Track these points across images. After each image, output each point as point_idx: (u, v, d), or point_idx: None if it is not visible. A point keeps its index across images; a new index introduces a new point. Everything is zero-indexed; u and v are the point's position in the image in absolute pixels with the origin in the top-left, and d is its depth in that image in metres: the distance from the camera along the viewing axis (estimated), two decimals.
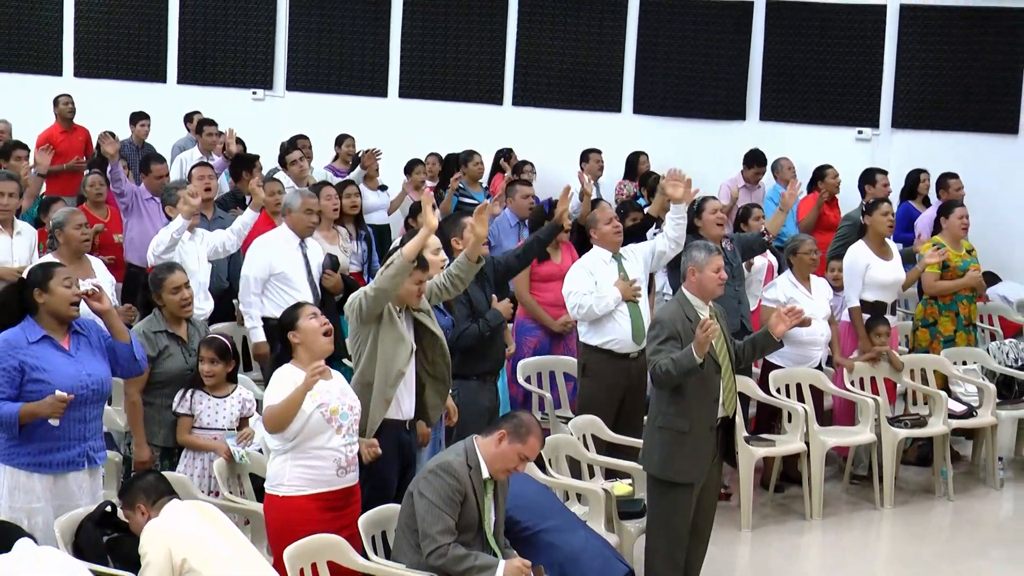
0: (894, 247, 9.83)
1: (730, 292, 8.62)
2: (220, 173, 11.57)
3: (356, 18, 15.55)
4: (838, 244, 10.48)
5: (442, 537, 5.83)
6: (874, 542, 8.83)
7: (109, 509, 5.96)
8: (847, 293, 9.56)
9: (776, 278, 9.63)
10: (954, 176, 12.11)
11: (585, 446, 7.87)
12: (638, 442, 7.67)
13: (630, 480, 7.60)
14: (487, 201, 7.92)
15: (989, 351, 10.29)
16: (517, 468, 6.10)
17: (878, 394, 9.34)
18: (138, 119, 14.11)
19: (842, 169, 12.44)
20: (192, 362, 7.03)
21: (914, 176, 12.66)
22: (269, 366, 6.45)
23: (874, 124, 14.12)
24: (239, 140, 12.47)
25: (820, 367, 9.37)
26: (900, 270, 9.70)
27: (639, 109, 14.80)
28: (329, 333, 6.22)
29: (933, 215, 10.78)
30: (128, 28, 16.16)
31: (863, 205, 10.91)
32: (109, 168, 10.24)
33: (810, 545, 8.69)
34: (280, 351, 6.34)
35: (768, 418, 9.29)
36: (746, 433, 8.71)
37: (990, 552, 8.72)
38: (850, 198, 12.11)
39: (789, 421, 8.94)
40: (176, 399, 6.93)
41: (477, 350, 7.82)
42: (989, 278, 12.18)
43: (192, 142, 13.18)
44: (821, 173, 12.39)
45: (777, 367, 9.14)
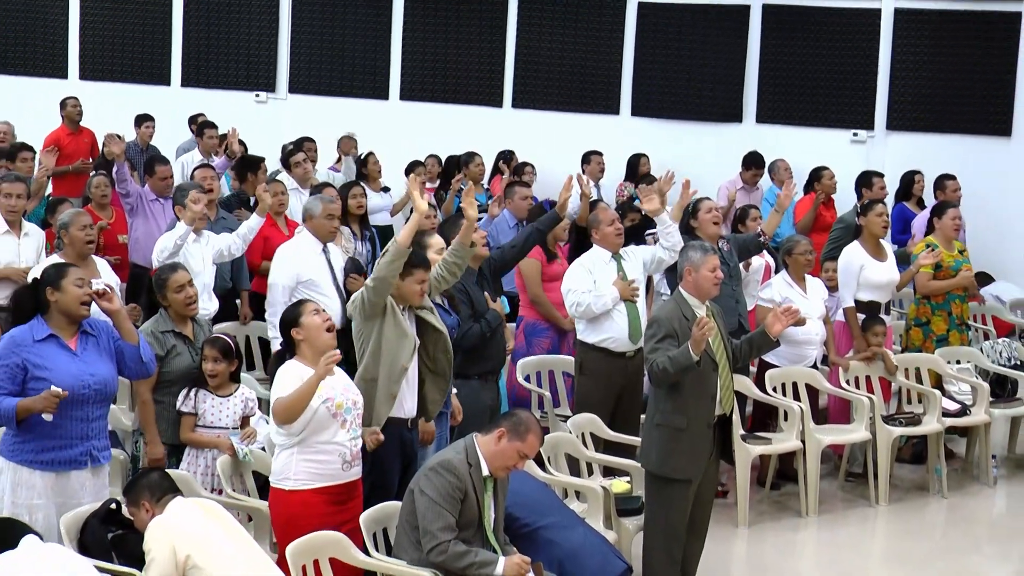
0: (888, 248, 9.85)
1: (727, 292, 8.66)
2: (222, 174, 11.59)
3: (358, 21, 15.56)
4: (832, 246, 10.51)
5: (442, 534, 5.84)
6: (869, 539, 8.82)
7: (114, 507, 5.97)
8: (842, 293, 9.58)
9: (772, 278, 9.65)
10: (951, 177, 12.13)
11: (584, 444, 7.86)
12: (636, 440, 7.71)
13: (628, 478, 7.62)
14: (470, 184, 7.96)
15: (983, 350, 10.31)
16: (516, 466, 6.12)
17: (873, 393, 9.35)
18: (142, 121, 14.10)
19: (838, 170, 12.49)
20: (199, 361, 7.04)
21: (908, 178, 12.66)
22: (272, 364, 6.46)
23: (869, 126, 14.11)
24: (240, 142, 12.53)
25: (815, 366, 9.37)
26: (894, 271, 9.73)
27: (637, 111, 14.80)
28: (332, 329, 6.24)
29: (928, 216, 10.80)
30: (133, 32, 16.17)
31: (857, 207, 11.00)
32: (115, 168, 10.25)
33: (806, 542, 8.69)
34: (283, 348, 6.34)
35: (764, 416, 9.31)
36: (743, 431, 8.67)
37: (983, 548, 8.76)
38: (846, 200, 12.12)
39: (785, 419, 8.94)
40: (180, 398, 6.94)
41: (478, 349, 7.85)
42: (982, 278, 12.20)
43: (195, 144, 13.22)
44: (818, 174, 12.44)
45: (773, 366, 9.15)
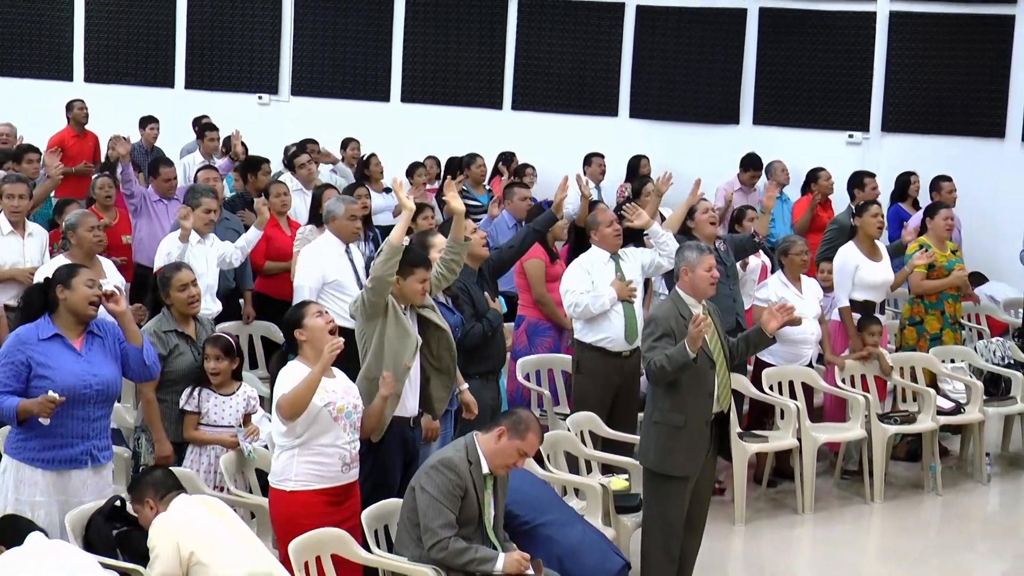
0: (883, 248, 9.88)
1: (725, 291, 8.71)
2: (225, 175, 11.67)
3: (359, 24, 15.57)
4: (825, 247, 10.56)
5: (443, 531, 5.89)
6: (864, 536, 8.86)
7: (118, 504, 6.01)
8: (837, 293, 9.63)
9: (768, 278, 9.69)
10: (947, 179, 12.17)
11: (583, 442, 7.89)
12: (634, 438, 7.78)
13: (627, 475, 7.65)
14: (448, 179, 8.02)
15: (977, 349, 10.35)
16: (516, 464, 6.16)
17: (868, 391, 9.39)
18: (147, 123, 14.14)
19: (834, 172, 12.53)
20: (201, 360, 7.05)
21: (904, 179, 12.69)
22: (275, 363, 6.48)
23: (864, 128, 14.14)
24: (242, 143, 12.62)
25: (811, 365, 9.41)
26: (889, 271, 9.78)
27: (635, 113, 14.83)
28: (335, 331, 6.25)
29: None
30: (137, 35, 16.19)
31: (851, 208, 11.06)
32: (120, 169, 10.28)
33: (802, 539, 8.73)
34: (285, 348, 6.38)
35: (760, 415, 9.34)
36: (739, 429, 8.69)
37: (977, 545, 8.81)
38: (843, 200, 12.15)
39: (782, 418, 8.98)
40: (184, 397, 6.95)
41: (479, 349, 7.90)
42: (976, 278, 12.21)
43: (197, 146, 13.32)
44: (815, 175, 12.49)
45: (769, 365, 9.20)
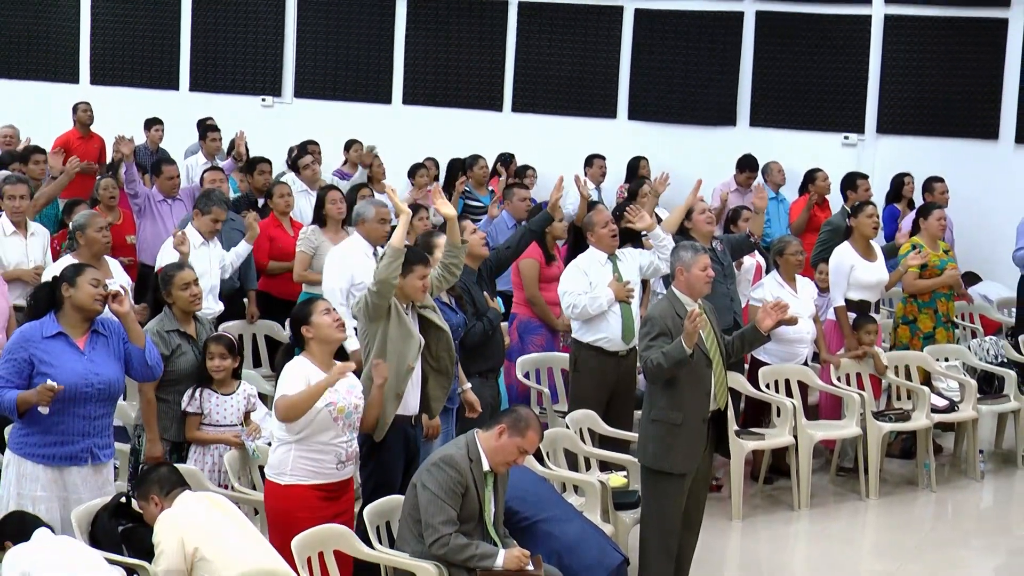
0: (878, 249, 9.94)
1: (722, 290, 8.77)
2: (228, 175, 11.76)
3: (361, 28, 15.62)
4: (820, 249, 10.62)
5: (444, 527, 5.94)
6: (859, 532, 8.95)
7: (124, 500, 6.05)
8: (833, 293, 9.67)
9: (763, 278, 9.73)
10: (939, 180, 12.24)
11: (582, 439, 7.93)
12: (632, 435, 7.85)
13: (625, 472, 7.71)
14: (436, 184, 8.09)
15: (970, 348, 10.41)
16: (516, 461, 6.21)
17: (863, 389, 9.43)
18: (152, 125, 14.24)
19: (829, 173, 12.61)
20: (201, 359, 7.07)
21: (898, 180, 12.79)
22: (280, 358, 6.54)
23: (860, 130, 14.18)
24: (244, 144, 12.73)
25: (806, 363, 9.45)
26: (883, 271, 9.83)
27: (634, 115, 14.88)
28: (342, 327, 6.29)
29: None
30: (142, 37, 16.27)
31: (846, 209, 11.14)
32: (124, 169, 10.36)
33: (798, 535, 8.78)
34: (291, 342, 6.43)
35: (757, 413, 9.39)
36: (736, 427, 8.77)
37: (971, 541, 8.87)
38: (839, 201, 12.17)
39: (778, 416, 9.03)
40: (185, 399, 6.96)
41: (479, 348, 7.96)
42: (970, 278, 12.31)
43: (200, 147, 13.40)
44: (812, 176, 12.55)
45: (764, 364, 9.24)
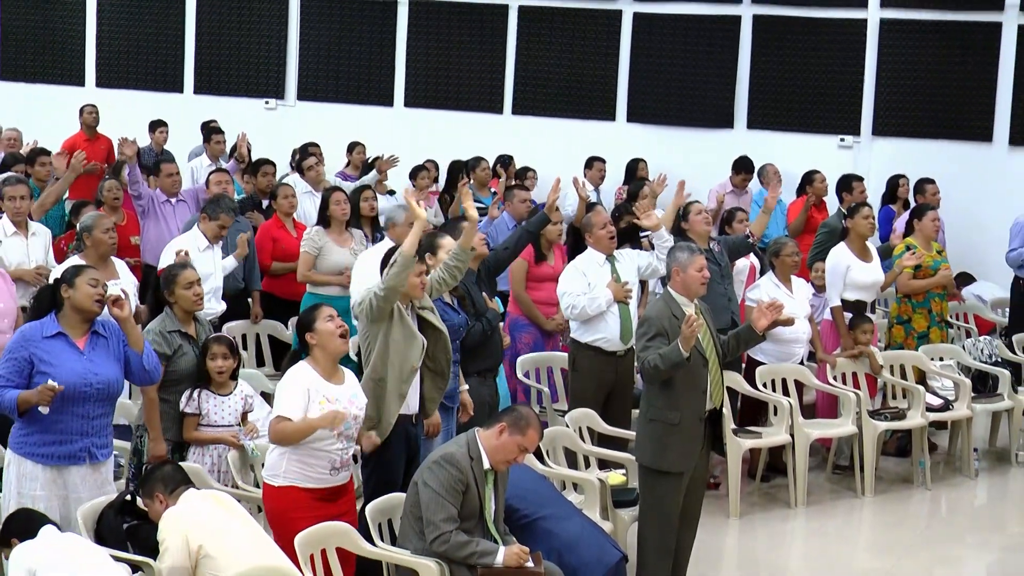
0: (874, 250, 10.01)
1: (719, 291, 8.83)
2: (232, 176, 11.94)
3: (364, 31, 15.69)
4: (817, 250, 10.66)
5: (445, 524, 5.99)
6: (855, 529, 8.98)
7: (129, 498, 6.08)
8: (829, 293, 9.74)
9: (759, 279, 9.77)
10: (931, 182, 12.36)
11: (581, 438, 7.97)
12: (630, 434, 7.91)
13: (624, 470, 7.76)
14: (465, 188, 8.20)
15: (965, 348, 10.48)
16: (516, 459, 6.25)
17: (859, 388, 9.50)
18: (156, 127, 14.37)
19: (825, 174, 12.60)
20: (202, 359, 7.07)
21: (894, 181, 12.89)
22: (286, 363, 6.58)
23: (855, 132, 14.25)
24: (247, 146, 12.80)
25: (802, 363, 9.51)
26: (879, 272, 9.91)
27: (632, 118, 14.95)
28: (345, 335, 6.32)
29: None
30: (148, 41, 16.34)
31: (842, 210, 11.20)
32: (127, 171, 10.43)
33: (795, 532, 8.84)
34: (298, 348, 6.47)
35: (754, 412, 9.43)
36: (733, 426, 8.84)
37: (965, 538, 8.94)
38: (835, 203, 12.23)
39: (775, 414, 9.08)
40: (184, 400, 6.97)
41: (478, 348, 7.99)
42: (964, 279, 12.38)
43: (204, 149, 13.46)
44: (809, 178, 12.57)
45: (761, 364, 9.29)
